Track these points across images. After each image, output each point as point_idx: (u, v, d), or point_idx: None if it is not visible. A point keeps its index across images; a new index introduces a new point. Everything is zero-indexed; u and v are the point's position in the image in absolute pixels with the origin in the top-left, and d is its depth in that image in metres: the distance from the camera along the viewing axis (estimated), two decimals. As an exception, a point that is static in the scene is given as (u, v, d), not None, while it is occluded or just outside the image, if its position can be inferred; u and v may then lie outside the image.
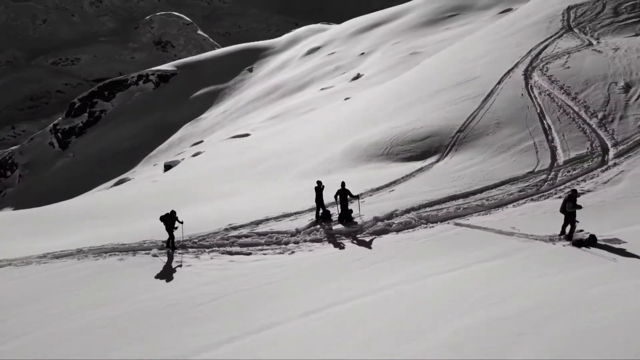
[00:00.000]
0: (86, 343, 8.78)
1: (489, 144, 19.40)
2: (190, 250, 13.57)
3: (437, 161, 19.11)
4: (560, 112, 20.34)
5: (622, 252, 9.72)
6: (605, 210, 12.74)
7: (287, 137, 36.97)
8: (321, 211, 14.44)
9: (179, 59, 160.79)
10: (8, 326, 9.79)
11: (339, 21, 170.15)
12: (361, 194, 16.09)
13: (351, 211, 14.23)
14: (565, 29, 31.33)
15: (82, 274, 12.70)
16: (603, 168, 15.92)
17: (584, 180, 15.26)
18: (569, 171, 16.12)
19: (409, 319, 7.55)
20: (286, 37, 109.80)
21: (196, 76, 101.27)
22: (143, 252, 13.85)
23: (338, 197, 14.27)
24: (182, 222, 13.95)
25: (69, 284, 12.08)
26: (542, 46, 28.91)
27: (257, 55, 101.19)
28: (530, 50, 28.52)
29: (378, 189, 16.94)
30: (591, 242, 10.31)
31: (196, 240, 14.13)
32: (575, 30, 30.83)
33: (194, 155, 53.42)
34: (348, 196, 14.15)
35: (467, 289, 8.45)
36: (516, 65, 26.67)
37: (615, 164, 15.98)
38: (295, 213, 15.41)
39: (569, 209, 10.86)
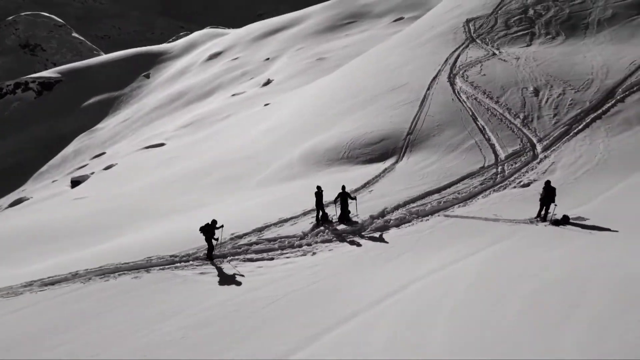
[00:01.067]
0: (178, 351, 9.14)
1: (437, 144, 22.04)
2: (209, 261, 13.96)
3: (396, 162, 21.27)
4: (489, 114, 23.71)
5: (592, 227, 12.44)
6: (558, 195, 15.70)
7: (218, 145, 36.99)
8: (321, 213, 15.64)
9: (53, 63, 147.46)
10: (70, 349, 9.66)
11: (224, 24, 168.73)
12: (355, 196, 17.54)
13: (349, 212, 15.65)
14: (470, 40, 35.73)
15: (104, 295, 12.47)
16: (537, 161, 19.24)
17: (527, 172, 18.37)
18: (511, 165, 19.21)
19: (478, 291, 9.24)
20: (182, 42, 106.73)
21: (85, 83, 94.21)
22: (157, 267, 13.90)
23: (339, 199, 15.59)
24: (222, 226, 14.24)
25: (98, 306, 11.86)
26: (455, 55, 32.78)
27: (153, 61, 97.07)
28: (447, 59, 32.22)
29: (357, 190, 18.54)
30: (565, 221, 12.96)
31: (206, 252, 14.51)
32: (478, 41, 35.33)
33: (106, 169, 50.45)
34: (348, 198, 15.53)
35: (502, 265, 10.39)
36: (439, 72, 30.05)
37: (545, 157, 19.40)
38: (292, 218, 16.39)
39: (544, 195, 13.45)
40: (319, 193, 15.55)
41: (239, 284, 12.05)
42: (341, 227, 15.25)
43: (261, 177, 24.11)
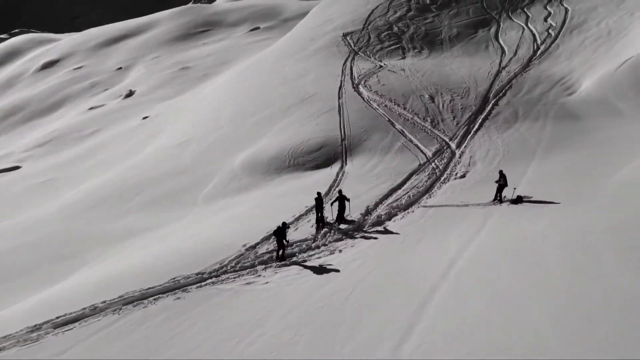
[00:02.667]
0: (304, 348, 10.17)
1: (371, 148, 25.10)
2: (244, 271, 14.54)
3: (343, 166, 23.70)
4: (402, 119, 27.69)
5: (540, 202, 16.60)
6: (490, 182, 19.88)
7: (115, 164, 34.73)
8: (319, 216, 17.28)
9: None
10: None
11: (35, 27, 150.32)
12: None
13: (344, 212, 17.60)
14: (353, 52, 39.97)
15: (160, 319, 12.29)
16: (457, 156, 23.59)
17: (455, 166, 22.51)
18: (441, 161, 23.22)
19: (515, 255, 12.24)
20: None
21: None
22: (194, 286, 14.00)
23: (336, 202, 17.37)
24: (289, 227, 15.28)
25: (166, 330, 11.80)
26: (348, 66, 36.55)
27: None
28: (343, 70, 35.78)
29: (327, 193, 20.46)
30: (520, 200, 16.97)
31: (234, 265, 15.03)
32: (361, 54, 39.78)
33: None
34: (345, 200, 17.42)
35: (515, 236, 13.61)
36: (341, 83, 33.36)
37: (462, 153, 23.88)
38: (290, 223, 17.61)
39: (504, 182, 17.33)
40: (319, 199, 17.19)
41: (298, 286, 13.18)
42: (343, 226, 17.15)
43: (206, 192, 24.24)
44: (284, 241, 14.97)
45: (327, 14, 51.12)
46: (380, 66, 36.18)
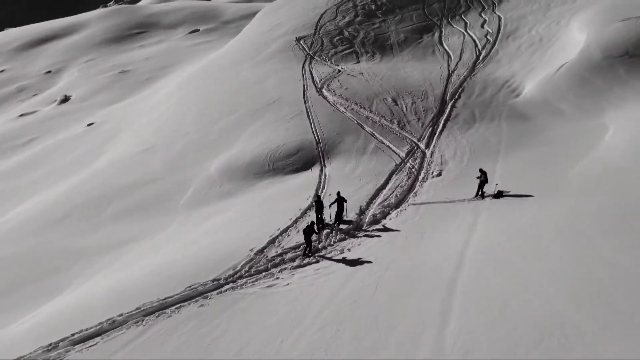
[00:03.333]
0: (348, 345, 10.84)
1: (346, 150, 26.01)
2: (260, 275, 14.84)
3: (323, 169, 24.41)
4: (370, 122, 28.90)
5: (518, 196, 18.32)
6: (466, 178, 21.51)
7: (68, 175, 33.04)
8: (318, 218, 17.90)
9: None
10: None
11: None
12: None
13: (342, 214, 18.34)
14: (309, 57, 40.78)
15: (193, 326, 12.45)
16: (429, 156, 25.11)
17: (429, 165, 24.00)
18: (414, 161, 24.62)
19: (526, 240, 13.66)
20: None
21: None
22: (214, 292, 14.13)
23: (335, 204, 18.06)
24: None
25: (203, 335, 11.99)
26: (307, 70, 37.30)
27: None
28: (303, 74, 36.47)
29: (316, 195, 21.08)
30: (500, 194, 18.63)
31: (250, 270, 15.27)
32: (317, 58, 40.68)
33: None
34: (343, 202, 18.14)
35: (510, 225, 15.07)
36: (304, 87, 34.05)
37: (432, 153, 25.47)
38: (288, 228, 18.08)
39: (484, 179, 18.89)
40: (319, 201, 17.83)
41: (321, 285, 13.76)
42: (344, 226, 17.91)
43: (186, 199, 23.97)
44: (314, 235, 16.02)
45: (276, 17, 51.56)
46: (339, 70, 37.28)
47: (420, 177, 22.44)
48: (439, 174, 22.57)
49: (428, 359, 9.95)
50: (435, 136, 27.17)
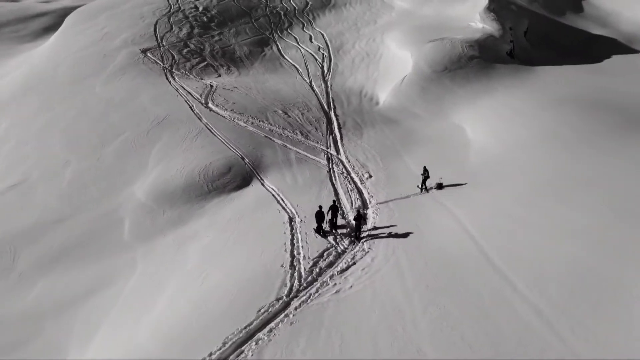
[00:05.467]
0: (460, 315, 13.29)
1: (273, 163, 26.85)
2: (314, 286, 15.57)
3: (264, 183, 24.92)
4: (276, 134, 30.20)
5: (455, 185, 22.92)
6: (395, 177, 25.32)
7: None
8: (317, 227, 19.16)
9: None
10: None
11: None
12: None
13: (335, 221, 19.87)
14: (168, 71, 38.99)
15: (303, 346, 12.73)
16: (347, 161, 28.06)
17: (354, 169, 27.00)
18: (337, 166, 27.26)
19: (503, 212, 17.89)
20: None
21: None
22: (289, 308, 14.35)
23: (330, 212, 19.44)
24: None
25: (324, 348, 12.53)
26: (179, 86, 35.87)
27: None
28: (177, 90, 35.00)
29: (284, 207, 21.86)
30: (441, 186, 22.94)
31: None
32: (176, 71, 39.17)
33: None
34: (337, 210, 19.67)
35: (480, 204, 19.24)
36: (188, 103, 32.93)
37: (347, 158, 28.50)
38: (292, 245, 18.78)
39: (427, 174, 22.88)
40: (320, 213, 19.08)
41: (381, 279, 15.45)
42: (341, 231, 19.57)
43: (130, 232, 21.56)
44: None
45: (99, 26, 46.89)
46: (211, 85, 36.99)
47: (359, 180, 25.38)
48: (370, 176, 25.87)
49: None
50: (339, 143, 30.42)
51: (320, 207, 18.99)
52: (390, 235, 18.62)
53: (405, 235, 18.52)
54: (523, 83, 36.88)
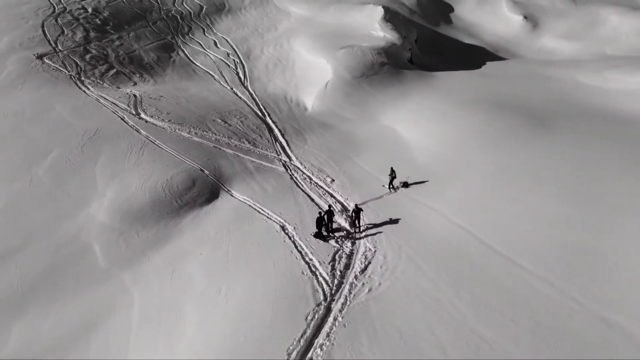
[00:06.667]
0: (498, 292, 15.01)
1: (234, 173, 26.01)
2: (344, 288, 15.99)
3: (233, 194, 24.13)
4: (224, 144, 29.30)
5: (421, 182, 24.79)
6: (357, 180, 26.46)
7: None
8: (316, 232, 19.48)
9: None
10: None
11: None
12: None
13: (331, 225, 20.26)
14: (77, 79, 35.15)
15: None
16: (303, 167, 28.42)
17: (313, 174, 27.48)
18: (295, 172, 27.49)
19: (484, 200, 20.12)
20: None
21: None
22: (335, 312, 14.62)
23: (326, 216, 19.80)
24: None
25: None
26: (103, 95, 32.63)
27: None
28: (98, 100, 31.83)
29: (267, 218, 21.60)
30: (407, 184, 24.63)
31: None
32: (85, 79, 35.48)
33: None
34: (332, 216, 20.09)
35: (456, 196, 21.29)
36: (117, 114, 30.21)
37: (302, 164, 28.85)
38: (303, 254, 18.82)
39: (394, 175, 24.37)
40: (320, 218, 19.39)
41: (408, 272, 16.51)
42: (338, 234, 20.10)
43: (105, 258, 19.41)
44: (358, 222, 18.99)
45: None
46: (135, 95, 34.32)
47: (324, 185, 26.03)
48: (333, 180, 26.68)
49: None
50: (287, 149, 30.67)
51: (320, 212, 19.40)
52: (387, 233, 19.77)
53: (401, 231, 19.82)
54: (432, 88, 40.77)
